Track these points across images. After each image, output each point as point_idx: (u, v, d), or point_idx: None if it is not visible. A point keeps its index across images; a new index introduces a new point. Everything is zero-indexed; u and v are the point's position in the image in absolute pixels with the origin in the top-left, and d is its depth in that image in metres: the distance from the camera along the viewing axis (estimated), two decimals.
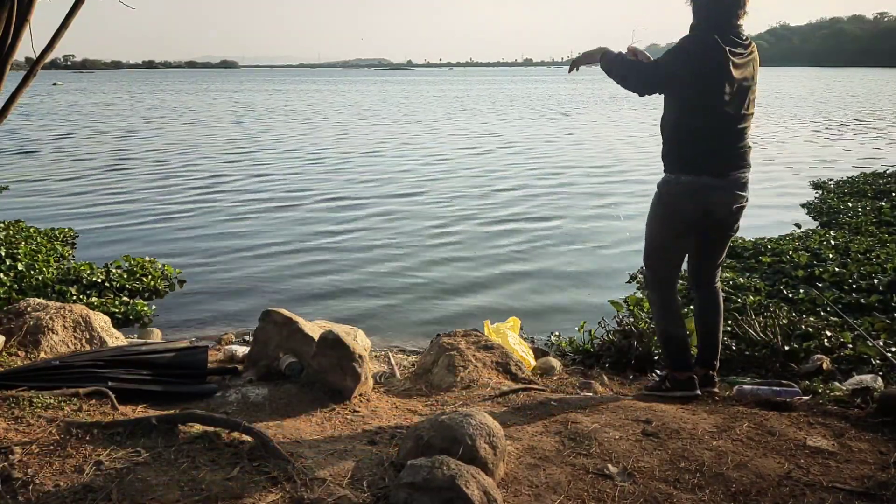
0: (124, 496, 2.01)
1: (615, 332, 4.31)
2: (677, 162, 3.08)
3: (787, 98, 36.08)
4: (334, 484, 2.13)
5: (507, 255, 7.05)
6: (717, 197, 3.04)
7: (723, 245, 3.28)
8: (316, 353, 3.12)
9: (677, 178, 3.08)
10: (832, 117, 24.07)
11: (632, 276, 6.13)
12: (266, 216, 8.93)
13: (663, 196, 3.15)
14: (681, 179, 3.06)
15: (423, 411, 3.06)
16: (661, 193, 3.16)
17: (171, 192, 10.60)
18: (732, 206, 3.08)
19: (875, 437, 2.69)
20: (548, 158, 14.39)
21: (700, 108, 2.99)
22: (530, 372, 3.71)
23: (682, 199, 3.07)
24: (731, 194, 3.06)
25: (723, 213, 3.09)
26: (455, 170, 12.86)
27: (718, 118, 2.99)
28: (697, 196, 3.03)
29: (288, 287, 6.10)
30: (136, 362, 3.13)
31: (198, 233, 8.06)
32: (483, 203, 9.73)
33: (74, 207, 9.45)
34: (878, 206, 8.27)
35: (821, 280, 5.48)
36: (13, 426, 2.40)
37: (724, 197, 3.05)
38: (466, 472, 1.98)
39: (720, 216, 3.10)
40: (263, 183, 11.47)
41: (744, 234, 6.76)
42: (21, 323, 3.58)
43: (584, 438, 2.62)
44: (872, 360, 3.74)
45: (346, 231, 8.13)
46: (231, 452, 2.28)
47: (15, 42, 2.43)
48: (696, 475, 2.36)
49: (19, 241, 6.72)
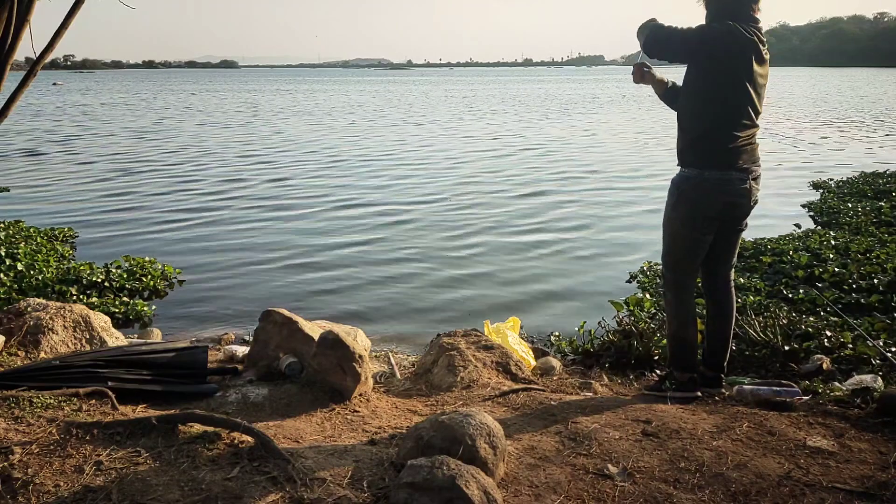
0: (124, 496, 2.01)
1: (615, 332, 4.31)
2: (701, 156, 3.03)
3: (798, 98, 36.02)
4: (334, 484, 2.13)
5: (508, 255, 7.04)
6: (742, 191, 3.03)
7: (736, 240, 3.27)
8: (316, 353, 3.12)
9: (700, 173, 3.03)
10: (843, 116, 24.06)
11: (632, 275, 6.14)
12: (266, 216, 8.93)
13: (685, 193, 3.08)
14: (705, 175, 3.02)
15: (423, 411, 3.06)
16: (681, 191, 3.10)
17: (172, 192, 10.59)
18: (752, 198, 3.09)
19: (875, 437, 2.69)
20: (548, 158, 14.39)
21: (723, 101, 2.96)
22: (530, 372, 3.71)
23: (707, 195, 3.03)
24: (751, 189, 3.06)
25: (745, 205, 3.08)
26: (453, 169, 12.87)
27: (742, 112, 2.97)
28: (723, 191, 3.01)
29: (288, 287, 6.10)
30: (136, 362, 3.13)
31: (198, 233, 8.05)
32: (483, 203, 9.73)
33: (74, 207, 9.45)
34: (878, 206, 8.27)
35: (821, 280, 5.48)
36: (13, 426, 2.40)
37: (747, 191, 3.05)
38: (466, 472, 1.98)
39: (742, 210, 3.10)
40: (264, 183, 11.47)
41: (744, 234, 6.72)
42: (21, 323, 3.58)
43: (584, 438, 2.62)
44: (872, 360, 3.74)
45: (346, 231, 8.13)
46: (231, 452, 2.28)
47: (15, 42, 2.43)
48: (696, 475, 2.36)
49: (19, 241, 6.72)
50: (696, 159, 3.05)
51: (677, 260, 3.20)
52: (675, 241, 3.19)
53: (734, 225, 3.18)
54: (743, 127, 2.99)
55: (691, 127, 3.07)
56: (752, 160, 3.06)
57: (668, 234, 3.21)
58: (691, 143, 3.07)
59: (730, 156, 2.99)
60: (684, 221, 3.12)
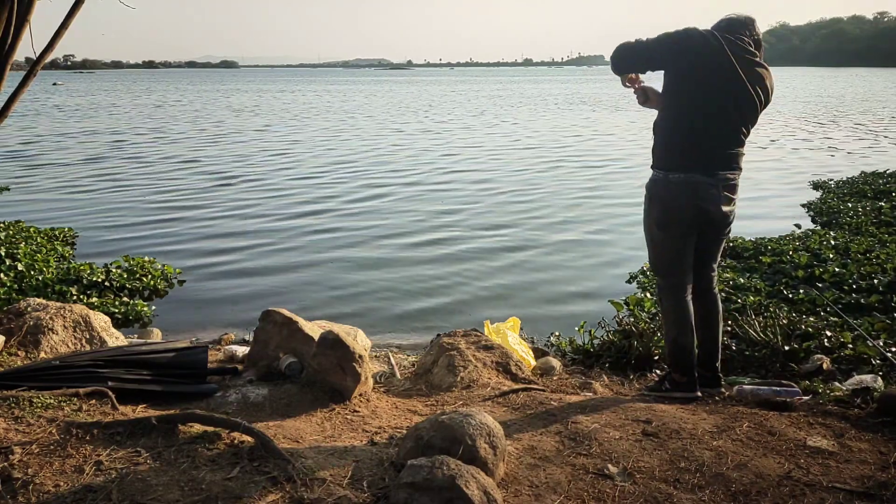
0: (124, 496, 2.01)
1: (615, 332, 4.31)
2: (667, 158, 3.06)
3: (800, 98, 36.04)
4: (334, 484, 2.13)
5: (508, 255, 7.05)
6: (708, 193, 3.02)
7: (717, 247, 3.26)
8: (316, 353, 3.12)
9: (666, 175, 3.05)
10: (845, 116, 24.08)
11: (632, 275, 6.14)
12: (266, 216, 8.93)
13: (654, 195, 3.11)
14: (670, 177, 3.04)
15: (423, 411, 3.06)
16: (651, 194, 3.13)
17: (172, 192, 10.59)
18: (722, 205, 3.06)
19: (875, 437, 2.69)
20: (548, 157, 14.39)
21: (696, 108, 2.97)
22: (530, 372, 3.71)
23: (675, 197, 3.04)
24: (720, 192, 3.04)
25: (715, 211, 3.05)
26: (450, 168, 12.88)
27: (712, 116, 2.96)
28: (690, 194, 3.01)
29: (288, 287, 6.10)
30: (136, 362, 3.13)
31: (198, 233, 8.05)
32: (482, 204, 9.73)
33: (74, 207, 9.45)
34: (878, 206, 8.27)
35: (821, 280, 5.48)
36: (13, 426, 2.40)
37: (714, 194, 3.03)
38: (466, 472, 1.98)
39: (713, 215, 3.06)
40: (267, 184, 11.48)
41: (744, 234, 6.78)
42: (21, 323, 3.58)
43: (584, 438, 2.62)
44: (872, 360, 3.74)
45: (346, 231, 8.13)
46: (231, 452, 2.28)
47: (15, 42, 2.43)
48: (696, 475, 2.36)
49: (19, 241, 6.72)
50: (663, 161, 3.08)
51: (664, 265, 3.20)
52: (657, 247, 3.19)
53: (711, 234, 3.16)
54: (713, 130, 2.98)
55: (665, 129, 3.10)
56: (726, 166, 3.03)
57: (650, 240, 3.22)
58: (660, 145, 3.10)
59: (695, 158, 2.99)
60: (659, 224, 3.12)
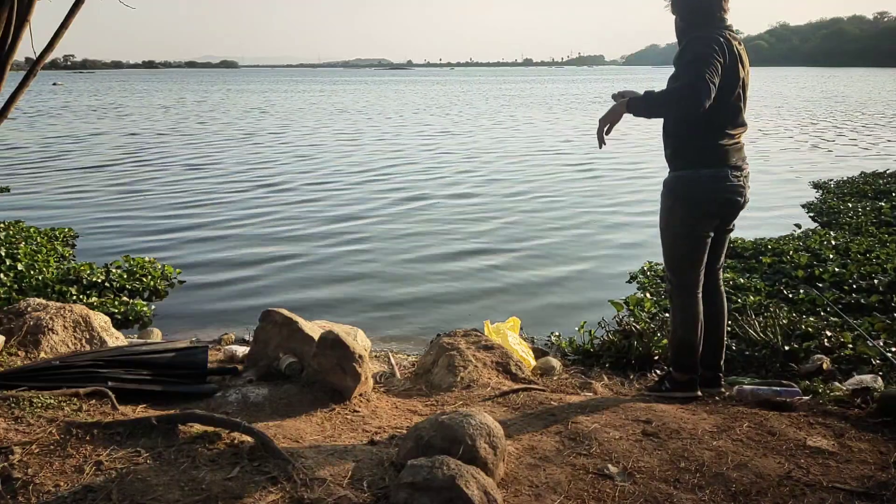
0: (124, 496, 2.01)
1: (615, 332, 4.31)
2: (695, 156, 3.07)
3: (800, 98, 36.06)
4: (334, 484, 2.13)
5: (508, 255, 7.04)
6: (736, 188, 3.07)
7: (725, 242, 3.31)
8: (316, 353, 3.12)
9: (696, 171, 3.06)
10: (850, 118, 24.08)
11: (632, 275, 6.14)
12: (266, 216, 8.93)
13: (681, 194, 3.11)
14: (700, 173, 3.06)
15: (423, 411, 3.06)
16: (676, 193, 3.12)
17: (172, 192, 10.59)
18: (744, 198, 3.13)
19: (875, 437, 2.69)
20: (545, 157, 14.40)
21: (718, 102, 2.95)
22: (530, 372, 3.71)
23: (703, 193, 3.06)
24: (744, 186, 3.11)
25: (739, 205, 3.13)
26: (445, 167, 12.88)
27: (733, 112, 3.03)
28: (718, 188, 3.04)
29: (288, 287, 6.10)
30: (136, 362, 3.13)
31: (198, 233, 8.05)
32: (482, 204, 9.73)
33: (74, 207, 9.45)
34: (878, 206, 8.27)
35: (821, 280, 5.47)
36: (13, 426, 2.40)
37: (741, 188, 3.09)
38: (466, 472, 1.98)
39: (735, 210, 3.14)
40: (264, 182, 11.48)
41: (744, 234, 6.78)
42: (21, 323, 3.58)
43: (584, 438, 2.62)
44: (872, 360, 3.74)
45: (346, 231, 8.13)
46: (231, 452, 2.28)
47: (15, 42, 2.43)
48: (696, 475, 2.36)
49: (19, 241, 6.72)
50: (690, 160, 3.09)
51: (681, 263, 3.20)
52: (675, 245, 3.19)
53: (725, 224, 3.22)
54: (734, 126, 3.06)
55: (679, 131, 3.10)
56: (742, 158, 3.13)
57: (668, 238, 3.21)
58: (684, 145, 3.10)
59: (723, 154, 3.04)
60: (683, 222, 3.13)
